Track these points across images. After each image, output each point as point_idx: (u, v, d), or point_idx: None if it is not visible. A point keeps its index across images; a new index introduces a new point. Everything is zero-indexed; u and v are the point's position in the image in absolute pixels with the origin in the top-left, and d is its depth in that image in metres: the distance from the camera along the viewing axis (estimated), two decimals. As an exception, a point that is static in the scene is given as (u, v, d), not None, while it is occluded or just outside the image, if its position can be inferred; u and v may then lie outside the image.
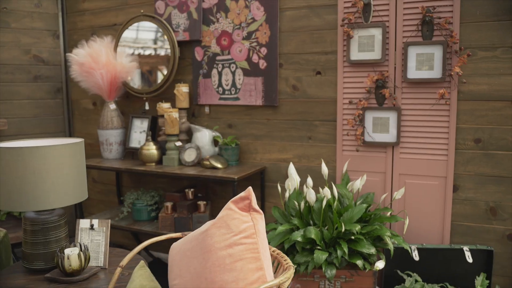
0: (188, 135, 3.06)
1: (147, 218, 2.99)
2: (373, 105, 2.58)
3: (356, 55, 2.58)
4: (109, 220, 1.99)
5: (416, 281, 2.36)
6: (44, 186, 1.76)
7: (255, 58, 2.82)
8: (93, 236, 1.97)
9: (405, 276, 2.39)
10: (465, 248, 2.40)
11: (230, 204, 1.55)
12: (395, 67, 2.52)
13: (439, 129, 2.47)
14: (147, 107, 3.16)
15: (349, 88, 2.64)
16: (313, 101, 2.75)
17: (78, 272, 1.82)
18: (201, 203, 2.81)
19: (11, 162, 1.72)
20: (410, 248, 2.43)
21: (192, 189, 2.88)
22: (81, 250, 1.83)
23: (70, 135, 3.67)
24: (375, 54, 2.53)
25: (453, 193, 2.50)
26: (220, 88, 2.95)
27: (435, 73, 2.43)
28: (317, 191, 2.74)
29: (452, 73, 2.38)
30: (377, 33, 2.51)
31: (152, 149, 2.90)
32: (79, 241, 1.97)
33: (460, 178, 2.48)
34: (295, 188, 2.46)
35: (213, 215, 3.08)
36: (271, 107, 2.85)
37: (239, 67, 2.87)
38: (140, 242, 3.42)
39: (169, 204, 2.82)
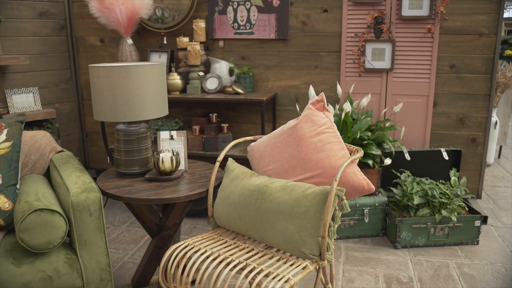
0: (205, 67, 3.42)
1: (172, 142, 3.36)
2: (372, 38, 3.13)
3: (359, -5, 3.08)
4: (185, 131, 2.38)
5: (408, 175, 3.04)
6: (146, 99, 2.10)
7: (269, -4, 3.21)
8: (173, 145, 2.36)
9: (398, 174, 3.06)
10: (442, 149, 3.12)
11: (309, 106, 2.04)
12: (391, 6, 3.07)
13: (424, 57, 3.10)
14: (165, 42, 3.43)
15: (352, 24, 3.15)
16: (320, 35, 3.24)
17: (171, 173, 2.22)
18: (225, 126, 3.24)
19: (121, 79, 2.03)
20: (404, 150, 3.10)
21: (215, 114, 3.28)
22: (172, 154, 2.22)
23: (75, 71, 3.82)
24: (375, -5, 3.05)
25: (433, 108, 3.18)
26: (236, 24, 3.32)
27: (424, 11, 3.01)
28: (323, 112, 3.29)
29: (438, 12, 2.98)
30: (377, -24, 3.02)
31: (176, 79, 3.24)
32: (161, 149, 2.35)
33: (438, 96, 3.16)
34: (314, 107, 2.98)
35: (233, 137, 3.54)
36: (282, 40, 3.29)
37: (254, 4, 3.25)
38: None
39: (196, 127, 3.22)
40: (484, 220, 3.03)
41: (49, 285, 1.81)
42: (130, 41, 3.40)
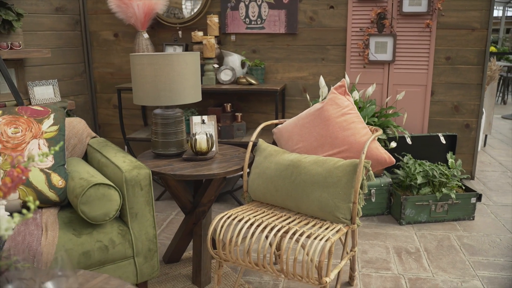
0: (218, 60, 3.62)
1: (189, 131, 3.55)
2: (375, 32, 3.40)
3: (363, -8, 3.34)
4: (215, 115, 2.59)
5: (410, 158, 3.32)
6: (185, 85, 2.30)
7: (279, -7, 3.44)
8: (204, 128, 2.56)
9: (401, 157, 3.33)
10: (440, 134, 3.40)
11: (333, 90, 2.28)
12: (392, 3, 3.34)
13: (423, 50, 3.38)
14: (180, 36, 3.62)
15: (356, 19, 3.41)
16: (326, 30, 3.48)
17: (206, 153, 2.42)
18: (239, 115, 3.45)
19: (163, 66, 2.23)
20: (407, 134, 3.38)
21: (229, 104, 3.49)
22: (207, 136, 2.42)
23: (89, 65, 3.97)
24: (378, -8, 3.32)
25: (431, 97, 3.47)
26: (247, 19, 3.54)
27: (423, 8, 3.29)
28: (330, 101, 3.53)
29: (435, 8, 3.26)
30: (380, -25, 3.29)
31: (193, 71, 3.43)
32: (194, 132, 2.54)
33: (435, 85, 3.45)
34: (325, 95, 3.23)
35: (248, 127, 3.75)
36: (291, 34, 3.53)
37: (265, 1, 3.47)
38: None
39: (212, 116, 3.42)
40: (479, 198, 3.33)
41: (105, 254, 1.99)
42: (146, 35, 3.57)
